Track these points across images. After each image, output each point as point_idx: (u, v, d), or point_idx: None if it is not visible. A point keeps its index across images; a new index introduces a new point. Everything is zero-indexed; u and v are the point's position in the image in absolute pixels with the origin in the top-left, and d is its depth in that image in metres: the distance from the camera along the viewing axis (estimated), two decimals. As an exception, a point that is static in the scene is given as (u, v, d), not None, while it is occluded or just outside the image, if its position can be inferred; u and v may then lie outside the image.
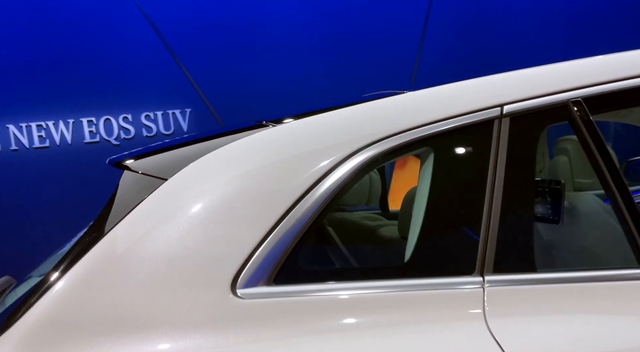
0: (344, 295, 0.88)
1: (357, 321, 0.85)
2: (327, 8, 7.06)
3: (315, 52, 6.99)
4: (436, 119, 0.96)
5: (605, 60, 1.04)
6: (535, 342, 0.82)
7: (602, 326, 0.85)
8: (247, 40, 6.76)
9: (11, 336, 0.83)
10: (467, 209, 0.94)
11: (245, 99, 6.81)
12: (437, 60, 6.82)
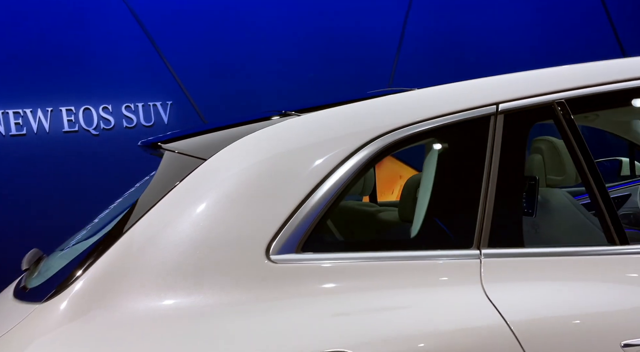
0: (361, 262, 1.02)
1: (372, 284, 0.99)
2: (310, 7, 7.17)
3: (297, 50, 7.09)
4: (441, 114, 1.11)
5: (584, 67, 1.21)
6: (521, 301, 0.98)
7: (574, 290, 1.01)
8: (230, 35, 6.80)
9: (78, 288, 0.94)
10: (466, 193, 1.09)
11: (226, 93, 6.84)
12: (414, 62, 7.05)
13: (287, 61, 7.05)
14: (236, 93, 6.88)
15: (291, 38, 7.08)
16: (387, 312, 0.95)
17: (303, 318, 0.94)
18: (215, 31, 6.68)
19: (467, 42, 7.27)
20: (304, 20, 7.18)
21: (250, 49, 6.96)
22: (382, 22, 7.26)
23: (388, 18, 7.27)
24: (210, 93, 6.87)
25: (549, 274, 1.03)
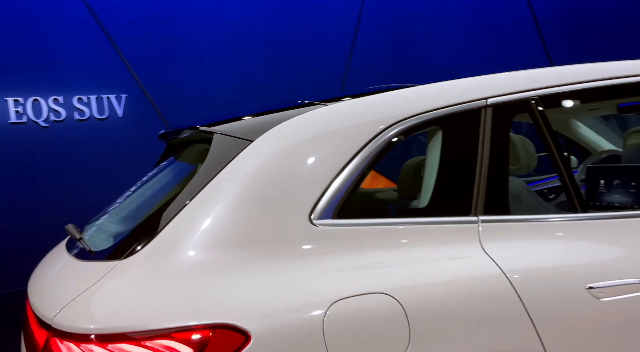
0: (384, 227, 1.23)
1: (392, 242, 1.20)
2: (265, 4, 7.29)
3: (252, 46, 7.20)
4: (444, 105, 1.34)
5: (552, 70, 1.49)
6: (511, 255, 1.23)
7: (550, 246, 1.28)
8: (187, 29, 6.80)
9: (155, 245, 1.09)
10: (465, 171, 1.33)
11: (183, 87, 6.83)
12: (366, 67, 7.39)
13: (242, 56, 7.14)
14: (193, 87, 6.89)
15: (247, 34, 7.18)
16: (406, 264, 1.17)
17: (343, 267, 1.13)
18: (172, 24, 6.65)
19: (415, 44, 7.70)
20: (260, 17, 7.31)
21: (207, 44, 6.99)
22: (336, 21, 7.53)
23: (341, 17, 7.56)
24: (167, 86, 6.82)
25: (531, 235, 1.29)
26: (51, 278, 1.34)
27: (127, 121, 6.52)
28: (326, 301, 1.07)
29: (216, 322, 1.02)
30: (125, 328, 1.01)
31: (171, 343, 1.00)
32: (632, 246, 1.31)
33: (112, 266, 1.13)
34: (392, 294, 1.11)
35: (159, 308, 1.04)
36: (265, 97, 6.78)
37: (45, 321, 1.10)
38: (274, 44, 7.25)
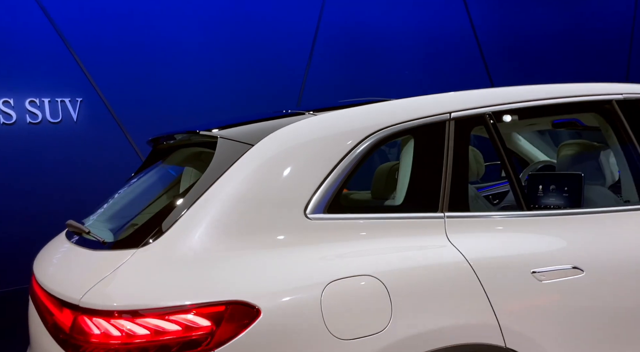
0: (367, 221, 1.44)
1: (375, 233, 1.41)
2: (223, 11, 7.41)
3: (209, 50, 7.28)
4: (412, 117, 1.58)
5: (504, 90, 1.77)
6: (470, 243, 1.46)
7: (502, 237, 1.53)
8: (143, 32, 6.79)
9: (170, 234, 1.25)
10: (433, 174, 1.56)
11: (139, 91, 6.81)
12: (321, 82, 7.70)
13: (200, 63, 7.22)
14: (149, 91, 6.88)
15: (206, 40, 7.27)
16: (387, 251, 1.38)
17: (329, 255, 1.33)
18: (130, 29, 6.62)
19: (369, 59, 8.06)
20: (219, 25, 7.42)
21: (164, 49, 7.01)
22: (294, 34, 7.77)
23: (297, 41, 7.83)
24: (123, 91, 6.77)
25: (487, 228, 1.54)
26: (66, 267, 1.45)
27: (82, 125, 6.41)
28: (322, 281, 1.26)
29: (230, 300, 1.18)
30: (150, 305, 1.16)
31: (193, 317, 1.16)
32: (565, 238, 1.59)
33: (131, 253, 1.27)
34: (376, 276, 1.31)
35: (180, 288, 1.19)
36: (222, 103, 6.87)
37: (71, 302, 1.22)
38: (232, 52, 7.38)
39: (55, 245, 1.73)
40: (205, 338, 1.15)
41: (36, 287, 1.52)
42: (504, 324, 1.40)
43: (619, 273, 1.59)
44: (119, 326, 1.16)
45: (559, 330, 1.48)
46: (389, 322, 1.28)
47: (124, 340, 1.15)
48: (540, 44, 9.58)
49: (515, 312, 1.44)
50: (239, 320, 1.17)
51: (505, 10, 9.43)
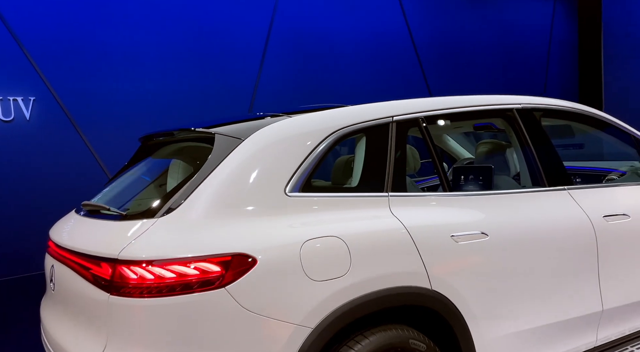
0: (332, 198, 1.90)
1: (337, 207, 1.88)
2: (177, 16, 7.66)
3: (164, 56, 7.53)
4: (364, 120, 2.06)
5: (434, 99, 2.30)
6: (407, 215, 1.95)
7: (432, 211, 2.04)
8: (97, 33, 6.94)
9: (183, 207, 1.65)
10: (380, 164, 2.05)
11: (93, 90, 6.96)
12: (272, 90, 8.19)
13: (154, 63, 7.45)
14: (103, 90, 7.05)
15: (160, 41, 7.50)
16: (347, 220, 1.85)
17: (305, 222, 1.78)
18: (84, 28, 6.75)
19: (317, 67, 8.60)
20: (171, 27, 7.68)
21: (119, 48, 7.20)
22: (244, 51, 8.18)
23: (249, 48, 8.25)
24: (77, 90, 6.90)
25: (420, 204, 2.05)
26: (95, 234, 1.81)
27: (35, 125, 6.49)
28: (300, 240, 1.71)
29: (234, 252, 1.61)
30: (176, 256, 1.57)
31: (207, 265, 1.57)
32: (477, 212, 2.13)
33: (153, 221, 1.67)
34: (339, 236, 1.78)
35: (198, 243, 1.61)
36: (176, 103, 7.13)
37: (111, 257, 1.60)
38: (186, 53, 7.66)
39: (72, 221, 2.08)
40: (217, 279, 1.57)
41: (64, 253, 1.87)
42: (430, 272, 1.90)
43: (515, 238, 2.16)
44: (151, 271, 1.55)
45: (469, 277, 2.01)
46: (348, 269, 1.75)
47: (156, 281, 1.55)
48: (470, 53, 10.53)
49: (438, 264, 1.95)
50: (241, 266, 1.60)
51: (440, 21, 10.27)
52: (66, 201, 6.65)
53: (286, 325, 1.62)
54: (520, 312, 2.13)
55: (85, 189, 7.40)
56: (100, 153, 6.81)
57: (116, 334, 1.59)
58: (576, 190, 2.45)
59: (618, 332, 2.46)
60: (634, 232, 2.52)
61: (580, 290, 2.31)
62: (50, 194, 6.45)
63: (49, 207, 6.27)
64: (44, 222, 6.93)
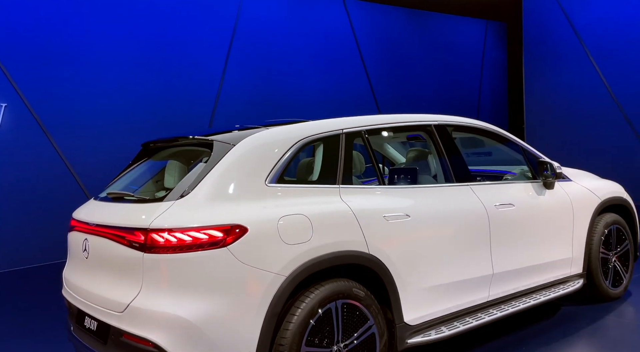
0: (299, 188, 2.64)
1: (301, 194, 2.61)
2: (142, 30, 8.19)
3: (128, 66, 8.03)
4: (321, 131, 2.82)
5: (374, 117, 3.09)
6: (353, 201, 2.72)
7: (372, 198, 2.82)
8: (67, 41, 7.38)
9: (193, 193, 2.35)
10: (333, 164, 2.80)
11: (65, 97, 7.41)
12: (232, 105, 8.90)
13: (119, 71, 7.94)
14: (73, 97, 7.50)
15: (124, 51, 7.99)
16: (309, 204, 2.59)
17: (278, 205, 2.50)
18: (53, 35, 7.16)
19: (274, 82, 9.36)
20: (138, 37, 8.19)
21: (88, 57, 7.65)
22: (206, 66, 8.82)
23: (210, 64, 8.90)
24: (48, 97, 7.32)
25: (363, 193, 2.82)
26: (122, 213, 2.47)
27: (6, 131, 6.87)
28: (277, 217, 2.43)
29: (232, 223, 2.31)
30: (191, 225, 2.25)
31: (214, 232, 2.27)
32: (403, 200, 2.93)
33: (172, 203, 2.34)
34: (305, 214, 2.51)
35: (206, 217, 2.29)
36: (139, 108, 7.63)
37: (143, 227, 2.26)
38: (151, 62, 8.19)
39: (99, 206, 2.73)
40: (220, 241, 2.27)
41: (100, 228, 2.50)
42: (368, 241, 2.67)
43: (430, 218, 2.97)
44: (174, 236, 2.23)
45: (396, 246, 2.79)
46: (311, 237, 2.49)
47: (178, 243, 2.23)
48: (413, 66, 11.57)
49: (374, 236, 2.71)
50: (237, 233, 2.31)
51: (386, 38, 11.26)
52: (34, 203, 7.03)
53: (269, 273, 2.34)
54: (433, 272, 2.95)
55: (55, 192, 7.83)
56: (69, 157, 7.18)
57: (149, 280, 2.26)
58: (476, 185, 3.32)
59: (505, 291, 3.34)
60: (517, 217, 3.42)
61: (477, 257, 3.16)
62: (20, 198, 6.77)
63: (19, 210, 6.62)
64: (14, 224, 7.30)
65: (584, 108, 10.13)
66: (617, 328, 3.60)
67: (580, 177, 4.13)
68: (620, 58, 9.61)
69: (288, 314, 2.40)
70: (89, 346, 2.57)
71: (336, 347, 2.52)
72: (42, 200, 6.91)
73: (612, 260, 4.07)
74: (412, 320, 2.84)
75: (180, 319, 2.20)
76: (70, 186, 7.05)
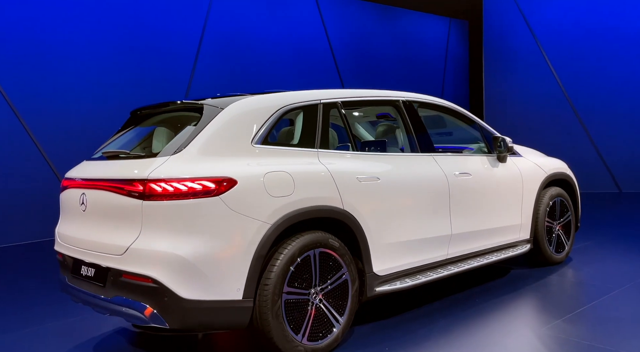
0: (282, 149, 2.94)
1: (285, 155, 2.91)
2: (118, 15, 8.28)
3: (103, 51, 8.14)
4: (302, 101, 3.12)
5: (349, 90, 3.41)
6: (330, 162, 3.04)
7: (345, 161, 3.14)
8: (40, 29, 7.42)
9: (188, 147, 2.61)
10: (312, 129, 3.11)
11: (38, 85, 7.45)
12: (204, 94, 9.12)
13: (94, 58, 8.03)
14: (49, 84, 7.53)
15: (98, 37, 8.09)
16: (291, 163, 2.89)
17: (263, 163, 2.79)
18: (28, 24, 7.19)
19: (245, 80, 9.57)
20: (112, 29, 8.29)
21: (64, 44, 7.72)
22: (179, 46, 8.95)
23: (184, 41, 9.03)
24: (24, 85, 7.33)
25: (339, 157, 3.14)
26: (120, 167, 2.70)
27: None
28: (263, 173, 2.72)
29: (224, 176, 2.58)
30: (186, 176, 2.51)
31: (207, 182, 2.53)
32: (374, 164, 3.27)
33: (167, 157, 2.59)
34: (287, 171, 2.81)
35: (199, 170, 2.56)
36: (115, 94, 7.73)
37: (141, 178, 2.51)
38: (126, 50, 8.31)
39: (91, 165, 2.97)
40: (213, 191, 2.54)
41: (98, 182, 2.73)
42: (343, 199, 2.99)
43: (397, 181, 3.33)
44: (171, 185, 2.49)
45: (367, 204, 3.12)
46: (293, 191, 2.79)
47: (174, 192, 2.49)
48: (380, 60, 12.01)
49: (348, 194, 3.04)
50: (227, 185, 2.58)
51: (355, 32, 11.65)
52: (8, 189, 7.05)
53: (256, 221, 2.63)
54: (400, 229, 3.30)
55: (30, 179, 7.84)
56: (44, 145, 7.22)
57: (148, 224, 2.51)
58: (438, 156, 3.71)
59: (461, 250, 3.74)
60: (473, 185, 3.82)
61: (437, 218, 3.54)
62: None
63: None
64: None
65: (539, 106, 10.82)
66: (559, 284, 4.06)
67: (529, 154, 4.59)
68: (574, 57, 10.32)
69: (272, 259, 2.70)
70: (87, 291, 2.79)
71: (313, 290, 2.83)
72: (10, 181, 6.97)
73: (556, 229, 4.55)
74: (380, 271, 3.18)
75: (178, 257, 2.46)
76: (43, 169, 7.11)
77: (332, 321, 2.90)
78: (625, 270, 4.31)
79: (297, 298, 2.76)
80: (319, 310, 2.85)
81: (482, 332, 3.14)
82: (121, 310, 2.58)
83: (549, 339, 2.95)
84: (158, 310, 2.47)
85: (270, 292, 2.64)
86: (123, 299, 2.57)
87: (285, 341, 2.68)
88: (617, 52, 9.71)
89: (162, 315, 2.47)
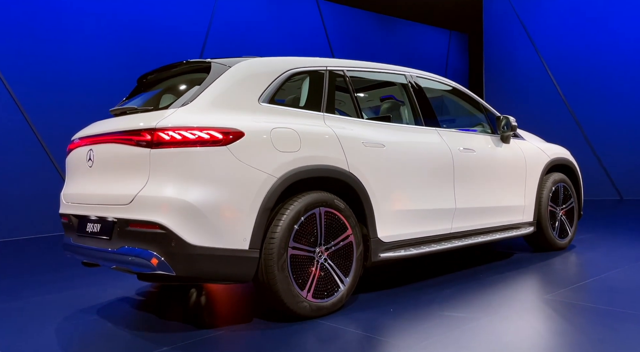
0: (290, 109, 2.97)
1: (290, 114, 2.94)
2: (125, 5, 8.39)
3: (101, 42, 8.19)
4: (309, 65, 3.17)
5: (357, 61, 3.46)
6: (336, 126, 3.07)
7: (352, 125, 3.16)
8: (41, 19, 7.51)
9: (194, 102, 2.64)
10: (319, 94, 3.15)
11: (39, 74, 7.52)
12: None
13: (96, 53, 8.11)
14: (49, 71, 7.59)
15: (109, 36, 8.20)
16: (298, 123, 2.91)
17: (270, 120, 2.81)
18: (28, 14, 7.29)
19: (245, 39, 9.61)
20: (118, 28, 8.41)
21: (65, 32, 7.81)
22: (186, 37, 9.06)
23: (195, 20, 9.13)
24: (25, 74, 7.40)
25: (344, 122, 3.16)
26: (129, 120, 2.72)
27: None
28: (270, 128, 2.74)
29: (231, 127, 2.60)
30: (194, 125, 2.53)
31: (214, 132, 2.55)
32: (380, 132, 3.29)
33: (175, 109, 2.62)
34: (293, 128, 2.83)
35: (208, 121, 2.58)
36: (120, 92, 7.78)
37: (150, 127, 2.52)
38: (127, 43, 8.41)
39: (98, 124, 2.99)
40: (220, 141, 2.55)
41: (106, 136, 2.74)
42: (348, 161, 3.01)
43: (401, 150, 3.34)
44: (179, 133, 2.50)
45: (372, 169, 3.13)
46: (300, 147, 2.80)
47: (182, 139, 2.50)
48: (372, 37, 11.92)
49: (353, 157, 3.04)
50: (234, 137, 2.60)
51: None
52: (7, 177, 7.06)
53: (263, 173, 2.64)
54: (404, 198, 3.30)
55: (34, 176, 7.86)
56: (43, 135, 7.25)
57: (156, 171, 2.51)
58: (443, 130, 3.73)
59: (465, 226, 3.73)
60: (477, 161, 3.84)
61: (442, 191, 3.55)
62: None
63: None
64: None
65: (540, 118, 10.87)
66: (562, 264, 4.04)
67: (532, 139, 4.62)
68: (575, 69, 10.43)
69: (278, 214, 2.70)
70: (93, 247, 2.78)
71: (318, 249, 2.82)
72: (10, 173, 6.99)
73: (559, 214, 4.55)
74: (384, 237, 3.17)
75: (185, 203, 2.46)
76: (43, 158, 7.11)
77: (337, 281, 2.88)
78: (629, 254, 4.29)
79: (302, 254, 2.75)
80: (324, 269, 2.83)
81: (488, 298, 3.12)
82: (127, 259, 2.56)
83: (553, 302, 2.93)
84: (165, 257, 2.45)
85: (276, 245, 2.63)
86: (130, 249, 2.56)
87: (290, 295, 2.66)
88: (618, 63, 9.84)
89: (168, 262, 2.45)
